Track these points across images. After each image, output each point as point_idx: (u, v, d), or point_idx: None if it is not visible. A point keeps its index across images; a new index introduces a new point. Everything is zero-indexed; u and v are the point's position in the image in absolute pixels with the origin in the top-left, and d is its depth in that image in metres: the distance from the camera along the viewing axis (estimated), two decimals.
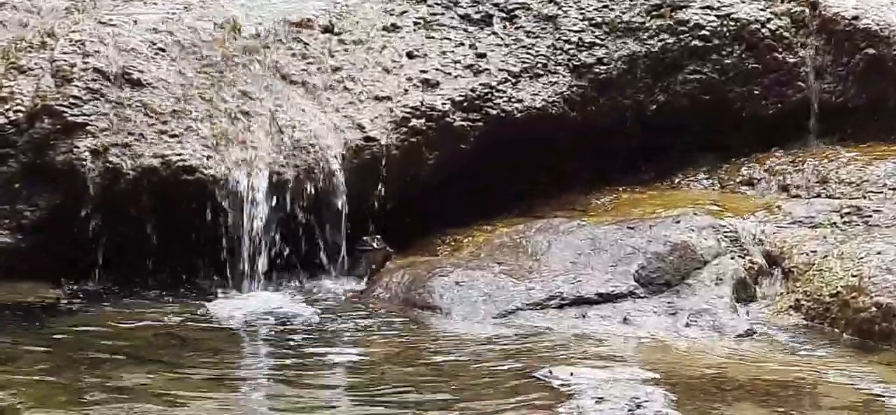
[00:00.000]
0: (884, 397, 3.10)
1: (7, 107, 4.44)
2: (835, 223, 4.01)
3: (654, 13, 4.68)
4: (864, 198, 4.18)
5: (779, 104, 4.70)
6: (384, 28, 4.65)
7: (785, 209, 4.15)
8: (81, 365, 3.44)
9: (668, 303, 3.80)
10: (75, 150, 4.30)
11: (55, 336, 3.76)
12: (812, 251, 3.78)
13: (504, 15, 4.70)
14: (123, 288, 4.27)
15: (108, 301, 4.15)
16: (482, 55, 4.57)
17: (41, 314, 4.00)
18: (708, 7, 4.70)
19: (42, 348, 3.62)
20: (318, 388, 3.33)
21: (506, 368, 3.36)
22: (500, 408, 3.02)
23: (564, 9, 4.67)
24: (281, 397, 3.24)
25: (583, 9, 4.67)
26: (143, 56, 4.51)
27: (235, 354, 3.68)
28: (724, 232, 4.00)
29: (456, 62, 4.54)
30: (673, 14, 4.65)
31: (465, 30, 4.64)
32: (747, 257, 3.88)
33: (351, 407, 3.14)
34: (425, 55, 4.56)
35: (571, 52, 4.61)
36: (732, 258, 3.89)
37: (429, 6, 4.70)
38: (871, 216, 4.04)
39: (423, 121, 4.40)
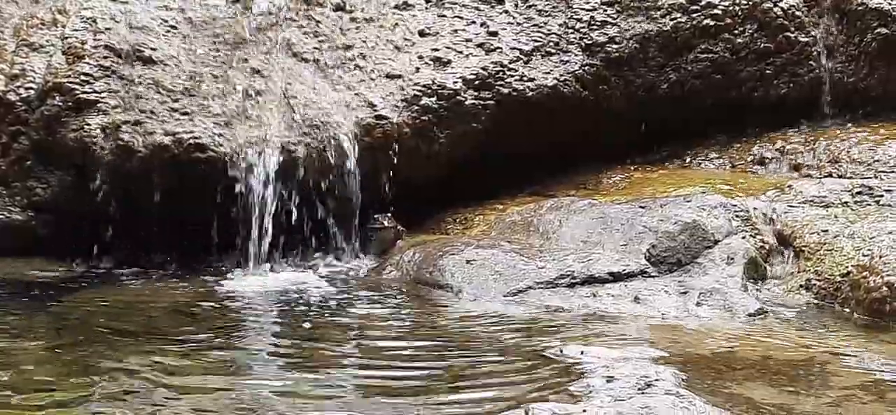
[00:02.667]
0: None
1: (18, 84, 4.47)
2: (846, 203, 4.01)
3: None
4: (876, 177, 4.19)
5: (791, 84, 4.70)
6: (396, 6, 4.66)
7: (796, 188, 4.15)
8: (91, 342, 3.47)
9: (679, 282, 3.82)
10: (86, 127, 4.32)
11: (66, 313, 3.80)
12: (823, 231, 3.78)
13: None
14: (135, 266, 4.30)
15: (120, 279, 4.18)
16: (494, 33, 4.58)
17: (53, 291, 4.03)
18: None
19: (53, 325, 3.66)
20: (327, 365, 3.36)
21: (517, 346, 3.38)
22: (511, 385, 3.03)
23: None
24: (288, 377, 3.26)
25: None
26: (154, 33, 4.52)
27: (244, 331, 3.71)
28: (735, 211, 4.00)
29: (467, 40, 4.56)
30: None
31: (477, 8, 4.65)
32: (758, 236, 3.89)
33: (358, 388, 3.16)
34: (437, 33, 4.57)
35: (583, 30, 4.62)
36: (743, 237, 3.89)
37: None
38: (882, 196, 4.04)
39: (434, 99, 4.42)
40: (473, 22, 4.60)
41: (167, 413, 2.89)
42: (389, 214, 4.31)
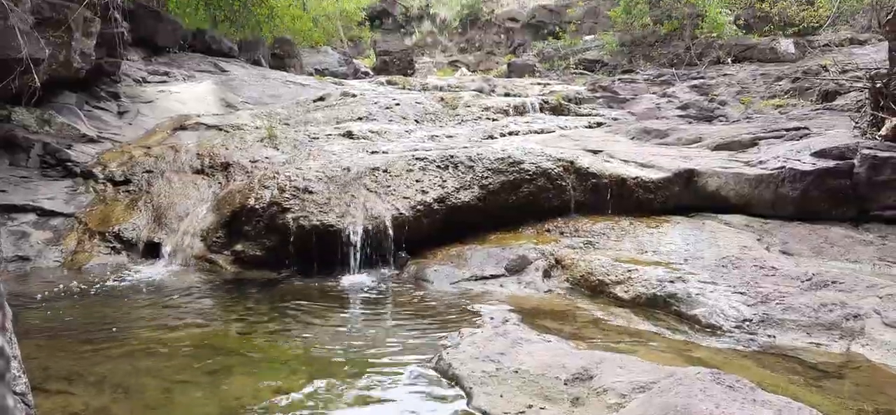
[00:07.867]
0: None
1: (258, 200, 4.53)
2: (581, 247, 4.11)
3: (512, 165, 4.79)
4: (593, 237, 4.29)
5: (558, 201, 4.70)
6: (407, 170, 4.77)
7: (562, 241, 4.26)
8: (285, 302, 3.54)
9: (518, 279, 3.90)
10: (286, 218, 4.40)
11: (275, 291, 3.86)
12: (573, 257, 3.88)
13: (453, 166, 4.82)
14: (303, 274, 4.33)
15: (295, 279, 4.23)
16: (445, 180, 4.69)
17: (270, 283, 4.09)
18: (532, 163, 4.81)
19: (269, 297, 3.72)
20: (380, 310, 3.45)
21: (455, 304, 3.48)
22: (454, 319, 3.14)
23: (477, 163, 4.79)
24: (365, 312, 3.35)
25: (484, 164, 4.78)
26: (313, 182, 4.62)
27: (344, 299, 3.78)
28: (539, 251, 4.10)
29: (434, 184, 4.66)
30: (518, 165, 4.77)
31: (439, 172, 4.75)
32: (548, 260, 3.98)
33: (392, 320, 3.25)
34: (422, 181, 4.68)
35: (479, 179, 4.72)
36: (542, 261, 4.00)
37: (426, 162, 4.82)
38: (597, 244, 4.15)
39: (422, 207, 4.51)
40: (438, 177, 4.72)
41: (313, 330, 2.97)
42: (404, 251, 4.39)
